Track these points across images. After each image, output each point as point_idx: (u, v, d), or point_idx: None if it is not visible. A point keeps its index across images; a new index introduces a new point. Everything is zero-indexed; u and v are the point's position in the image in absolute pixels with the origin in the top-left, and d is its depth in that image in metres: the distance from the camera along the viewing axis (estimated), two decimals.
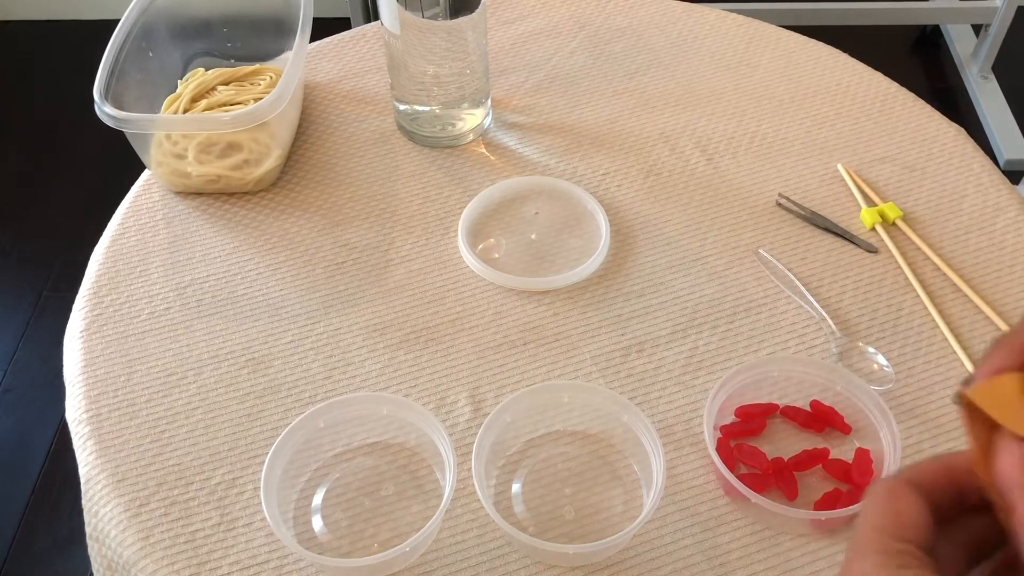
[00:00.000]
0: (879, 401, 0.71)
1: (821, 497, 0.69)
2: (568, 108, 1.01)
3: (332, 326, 0.81)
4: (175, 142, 0.90)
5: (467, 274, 0.85)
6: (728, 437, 0.72)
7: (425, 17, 0.86)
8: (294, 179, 0.94)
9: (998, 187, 0.91)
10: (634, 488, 0.71)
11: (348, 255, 0.87)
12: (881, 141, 0.96)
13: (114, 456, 0.73)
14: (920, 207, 0.90)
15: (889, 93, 1.01)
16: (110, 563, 0.71)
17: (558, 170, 0.94)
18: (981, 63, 2.10)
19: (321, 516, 0.70)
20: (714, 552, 0.67)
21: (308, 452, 0.72)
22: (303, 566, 0.67)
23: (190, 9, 0.99)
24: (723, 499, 0.70)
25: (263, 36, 0.99)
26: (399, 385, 0.77)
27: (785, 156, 0.95)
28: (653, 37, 1.09)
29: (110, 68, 0.87)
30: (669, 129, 0.98)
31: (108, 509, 0.71)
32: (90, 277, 0.86)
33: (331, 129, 0.99)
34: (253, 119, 0.84)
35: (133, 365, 0.79)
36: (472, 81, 0.93)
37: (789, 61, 1.05)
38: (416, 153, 0.96)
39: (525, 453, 0.73)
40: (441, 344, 0.80)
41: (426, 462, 0.73)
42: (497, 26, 1.10)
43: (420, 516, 0.70)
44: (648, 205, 0.91)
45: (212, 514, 0.70)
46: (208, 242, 0.89)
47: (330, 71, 1.05)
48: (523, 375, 0.78)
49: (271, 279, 0.86)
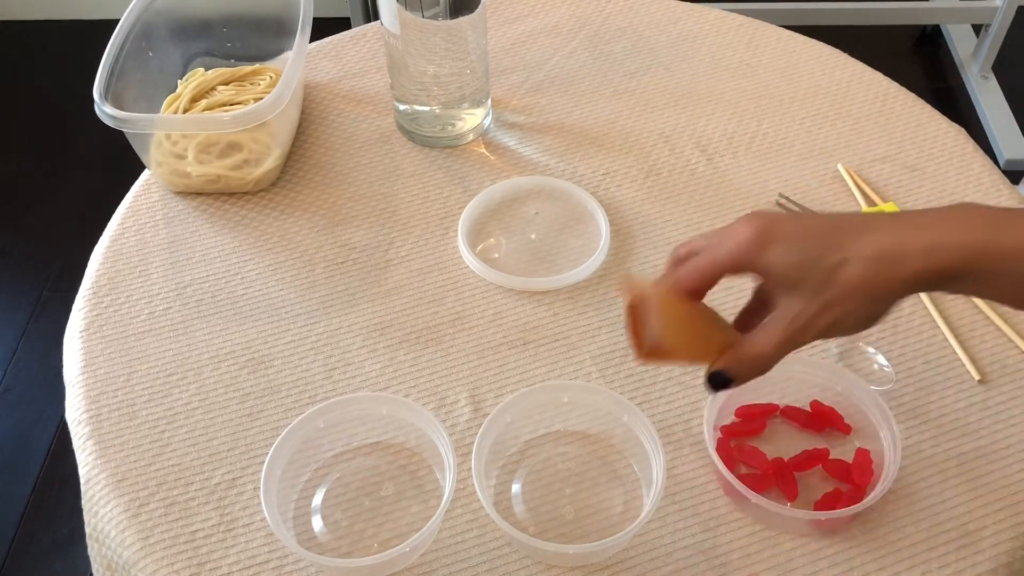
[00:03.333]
0: (879, 401, 0.71)
1: (821, 497, 0.69)
2: (568, 108, 1.01)
3: (332, 326, 0.81)
4: (175, 142, 0.90)
5: (467, 274, 0.85)
6: (728, 437, 0.72)
7: (425, 17, 0.86)
8: (294, 179, 0.94)
9: (998, 187, 0.91)
10: (634, 488, 0.71)
11: (348, 255, 0.87)
12: (881, 141, 0.96)
13: (114, 456, 0.73)
14: (920, 207, 0.90)
15: (889, 93, 1.01)
16: (110, 563, 0.71)
17: (558, 170, 0.94)
18: (981, 63, 2.10)
19: (321, 516, 0.70)
20: (714, 552, 0.67)
21: (308, 452, 0.72)
22: (303, 566, 0.67)
23: (190, 9, 0.99)
24: (723, 499, 0.70)
25: (263, 36, 0.99)
26: (399, 385, 0.77)
27: (785, 156, 0.95)
28: (653, 37, 1.09)
29: (110, 68, 0.87)
30: (669, 129, 0.98)
31: (108, 509, 0.71)
32: (90, 277, 0.86)
33: (331, 129, 0.99)
34: (253, 119, 0.84)
35: (133, 365, 0.79)
36: (472, 81, 0.93)
37: (789, 61, 1.05)
38: (416, 153, 0.96)
39: (525, 453, 0.73)
40: (441, 344, 0.80)
41: (426, 462, 0.73)
42: (497, 26, 1.10)
43: (420, 516, 0.70)
44: (648, 205, 0.91)
45: (212, 514, 0.70)
46: (208, 242, 0.89)
47: (330, 71, 1.05)
48: (523, 375, 0.78)
49: (271, 279, 0.86)
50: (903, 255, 0.50)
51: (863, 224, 0.51)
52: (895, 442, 0.68)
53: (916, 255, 0.50)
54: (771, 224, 0.52)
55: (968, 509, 0.69)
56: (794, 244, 0.51)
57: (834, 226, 0.51)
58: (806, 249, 0.51)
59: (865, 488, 0.69)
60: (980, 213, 0.51)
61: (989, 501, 0.69)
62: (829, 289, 0.51)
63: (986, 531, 0.68)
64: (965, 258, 0.49)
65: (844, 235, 0.50)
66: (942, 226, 0.50)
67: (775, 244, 0.51)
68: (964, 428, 0.74)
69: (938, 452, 0.72)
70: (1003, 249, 0.49)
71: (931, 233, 0.50)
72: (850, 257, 0.50)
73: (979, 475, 0.71)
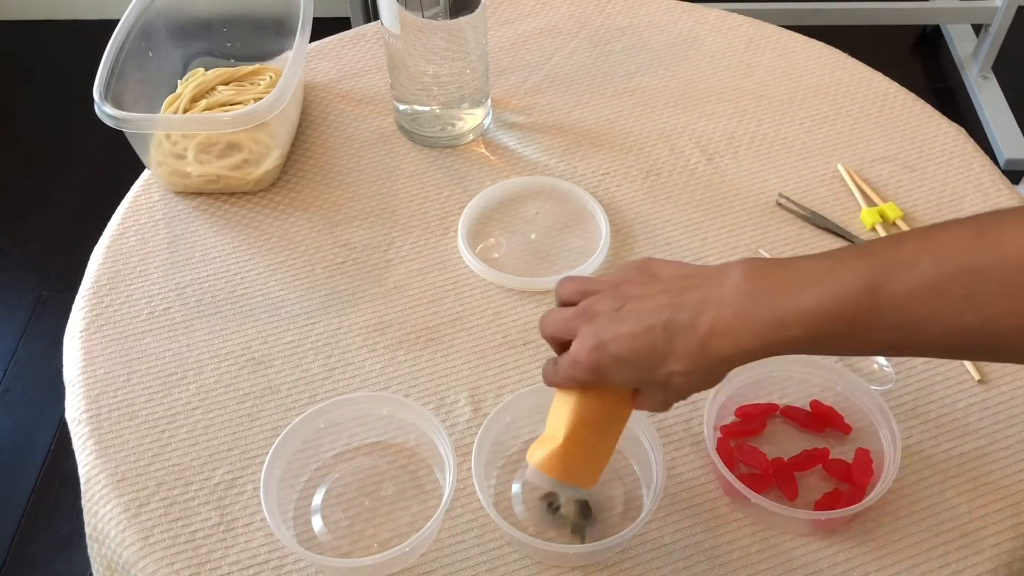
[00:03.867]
0: (879, 401, 0.71)
1: (821, 497, 0.69)
2: (568, 108, 1.01)
3: (332, 326, 0.81)
4: (175, 142, 0.90)
5: (467, 274, 0.85)
6: (728, 437, 0.72)
7: (425, 17, 0.86)
8: (294, 179, 0.94)
9: (998, 187, 0.91)
10: (634, 488, 0.71)
11: (348, 255, 0.87)
12: (881, 141, 0.96)
13: (114, 456, 0.73)
14: (920, 207, 0.90)
15: (889, 93, 1.01)
16: (110, 563, 0.71)
17: (558, 170, 0.94)
18: (981, 63, 2.10)
19: (321, 516, 0.70)
20: (714, 552, 0.67)
21: (308, 452, 0.72)
22: (303, 566, 0.67)
23: (190, 9, 0.99)
24: (723, 499, 0.70)
25: (263, 36, 0.99)
26: (399, 385, 0.77)
27: (785, 156, 0.95)
28: (653, 37, 1.09)
29: (110, 68, 0.87)
30: (669, 129, 0.98)
31: (108, 509, 0.71)
32: (90, 277, 0.86)
33: (331, 129, 0.99)
34: (253, 119, 0.84)
35: (133, 365, 0.79)
36: (472, 81, 0.93)
37: (789, 61, 1.05)
38: (416, 153, 0.96)
39: (525, 453, 0.73)
40: (441, 344, 0.80)
41: (426, 462, 0.73)
42: (497, 26, 1.10)
43: (420, 516, 0.70)
44: (648, 205, 0.91)
45: (212, 514, 0.70)
46: (208, 242, 0.89)
47: (330, 71, 1.05)
48: (523, 375, 0.78)
49: (271, 279, 0.86)
50: (714, 355, 0.54)
51: (666, 339, 0.55)
52: (895, 442, 0.68)
53: (725, 347, 0.54)
54: (595, 359, 0.57)
55: (968, 509, 0.69)
56: (622, 371, 0.57)
57: (651, 344, 0.55)
58: (634, 374, 0.57)
59: (865, 488, 0.69)
60: (761, 291, 0.53)
61: (989, 501, 0.69)
62: (672, 390, 0.57)
63: (986, 531, 0.68)
64: (764, 343, 0.53)
65: (657, 357, 0.55)
66: (738, 319, 0.53)
67: (609, 373, 0.57)
68: (964, 428, 0.74)
69: (938, 452, 0.72)
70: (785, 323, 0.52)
71: (732, 323, 0.53)
72: (672, 372, 0.55)
73: (979, 475, 0.71)
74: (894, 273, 0.50)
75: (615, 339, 0.56)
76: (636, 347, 0.55)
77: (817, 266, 0.53)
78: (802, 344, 0.53)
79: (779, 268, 0.54)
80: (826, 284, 0.51)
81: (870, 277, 0.50)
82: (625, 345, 0.56)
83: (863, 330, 0.51)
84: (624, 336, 0.56)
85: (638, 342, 0.55)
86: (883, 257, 0.51)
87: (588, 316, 0.58)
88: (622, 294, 0.58)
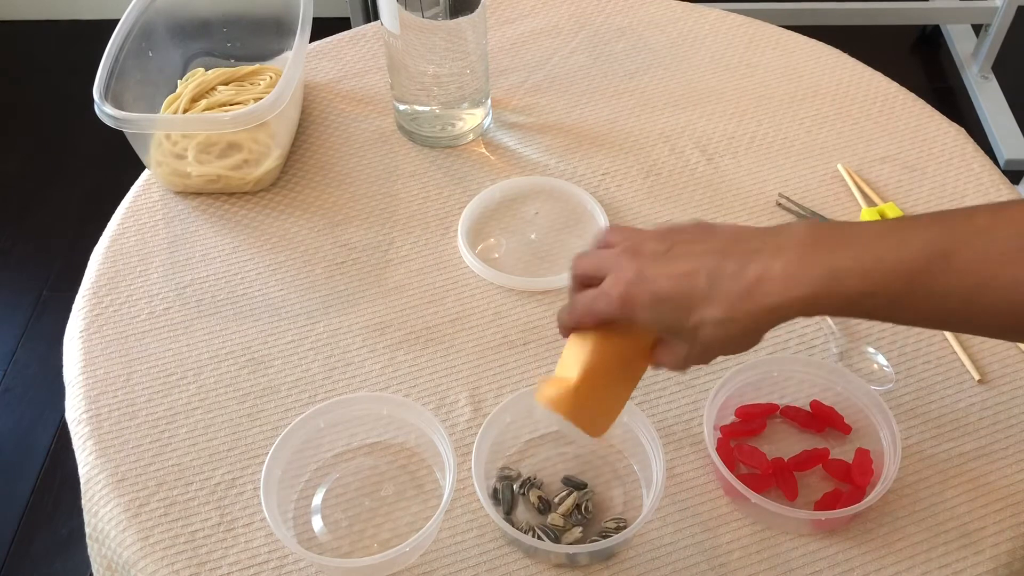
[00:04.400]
0: (879, 401, 0.71)
1: (821, 497, 0.69)
2: (568, 108, 1.01)
3: (332, 326, 0.81)
4: (175, 142, 0.90)
5: (467, 274, 0.85)
6: (728, 437, 0.72)
7: (425, 17, 0.86)
8: (294, 179, 0.94)
9: (998, 187, 0.91)
10: (634, 488, 0.71)
11: (348, 255, 0.87)
12: (881, 141, 0.96)
13: (114, 456, 0.73)
14: (920, 207, 0.90)
15: (889, 93, 1.01)
16: (110, 563, 0.71)
17: (558, 170, 0.94)
18: (981, 63, 2.10)
19: (321, 516, 0.70)
20: (714, 552, 0.67)
21: (308, 452, 0.72)
22: (303, 566, 0.67)
23: (190, 9, 0.99)
24: (723, 499, 0.70)
25: (263, 36, 0.99)
26: (399, 385, 0.77)
27: (785, 156, 0.95)
28: (653, 37, 1.09)
29: (110, 68, 0.87)
30: (669, 129, 0.98)
31: (108, 509, 0.71)
32: (90, 277, 0.86)
33: (331, 129, 0.99)
34: (253, 119, 0.84)
35: (133, 365, 0.79)
36: (472, 81, 0.93)
37: (789, 61, 1.05)
38: (416, 153, 0.96)
39: (525, 453, 0.73)
40: (441, 344, 0.80)
41: (426, 462, 0.73)
42: (497, 26, 1.10)
43: (420, 516, 0.70)
44: (648, 205, 0.91)
45: (212, 514, 0.70)
46: (208, 242, 0.89)
47: (330, 71, 1.05)
48: (523, 375, 0.78)
49: (271, 279, 0.86)
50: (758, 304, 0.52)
51: (709, 283, 0.53)
52: (895, 442, 0.68)
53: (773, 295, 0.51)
54: (629, 293, 0.55)
55: (968, 509, 0.69)
56: (654, 311, 0.54)
57: (691, 287, 0.53)
58: (665, 315, 0.54)
59: (865, 488, 0.69)
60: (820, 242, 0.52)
61: (989, 501, 0.69)
62: (698, 343, 0.54)
63: (986, 531, 0.68)
64: (815, 293, 0.51)
65: (695, 300, 0.53)
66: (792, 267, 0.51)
67: (639, 310, 0.55)
68: (964, 428, 0.74)
69: (938, 452, 0.72)
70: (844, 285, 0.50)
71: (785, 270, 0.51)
72: (704, 320, 0.53)
73: (979, 475, 0.71)
74: (969, 239, 0.49)
75: (656, 277, 0.54)
76: (675, 288, 0.53)
77: (883, 228, 0.52)
78: (853, 301, 0.51)
79: (843, 226, 0.53)
80: (892, 244, 0.50)
81: (941, 241, 0.49)
82: (664, 284, 0.53)
83: (921, 293, 0.49)
84: (665, 275, 0.54)
85: (678, 283, 0.53)
86: (955, 224, 0.50)
87: (632, 253, 0.56)
88: (672, 238, 0.56)
